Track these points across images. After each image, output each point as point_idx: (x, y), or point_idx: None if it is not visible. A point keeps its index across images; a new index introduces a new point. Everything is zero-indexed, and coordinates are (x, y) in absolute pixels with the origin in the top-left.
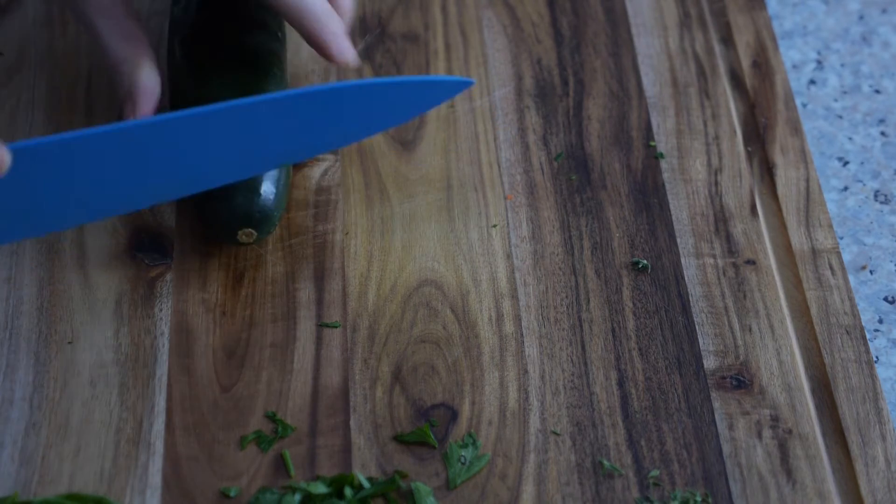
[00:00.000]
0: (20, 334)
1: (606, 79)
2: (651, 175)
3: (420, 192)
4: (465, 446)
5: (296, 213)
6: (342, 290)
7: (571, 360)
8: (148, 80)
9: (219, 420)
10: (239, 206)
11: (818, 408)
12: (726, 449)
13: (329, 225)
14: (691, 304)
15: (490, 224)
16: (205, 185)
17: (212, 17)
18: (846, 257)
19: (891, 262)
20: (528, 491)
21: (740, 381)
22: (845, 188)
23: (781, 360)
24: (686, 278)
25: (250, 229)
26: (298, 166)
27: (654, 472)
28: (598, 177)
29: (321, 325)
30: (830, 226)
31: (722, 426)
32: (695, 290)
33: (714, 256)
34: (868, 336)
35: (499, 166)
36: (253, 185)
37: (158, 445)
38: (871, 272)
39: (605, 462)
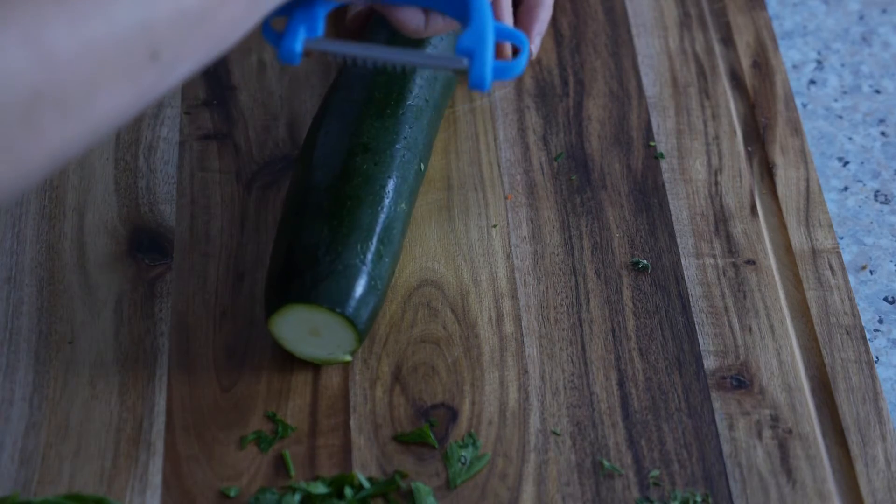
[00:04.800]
0: (20, 334)
1: (606, 79)
2: (651, 175)
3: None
4: (465, 446)
5: None
6: None
7: (571, 360)
8: None
9: (219, 420)
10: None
11: (818, 408)
12: (726, 449)
13: None
14: (691, 304)
15: (490, 224)
16: None
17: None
18: (846, 257)
19: (891, 262)
20: (528, 491)
21: (740, 381)
22: (845, 188)
23: (781, 360)
24: (686, 278)
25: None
26: None
27: (654, 472)
28: (598, 177)
29: None
30: (830, 226)
31: (722, 426)
32: (695, 290)
33: (714, 256)
34: (868, 336)
35: (499, 166)
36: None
37: (158, 445)
38: (871, 272)
39: (605, 462)
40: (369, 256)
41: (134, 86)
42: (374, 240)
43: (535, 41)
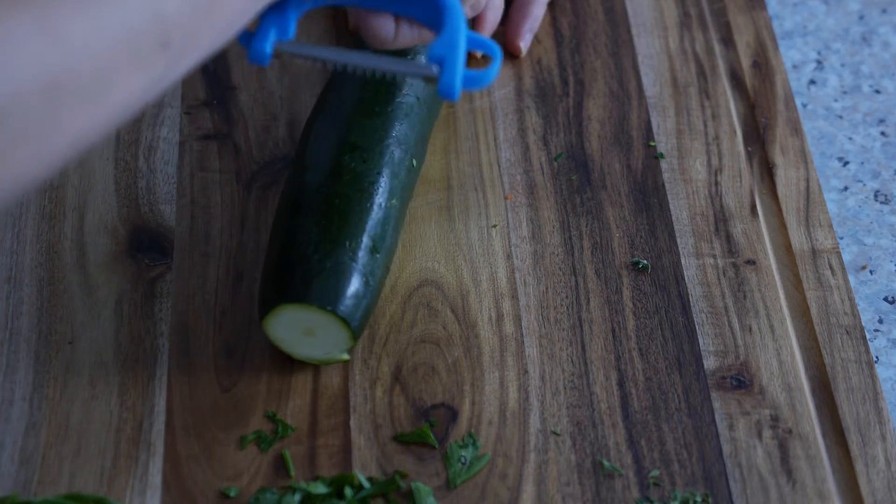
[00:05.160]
0: (20, 334)
1: (606, 79)
2: (651, 175)
3: (420, 192)
4: (465, 446)
5: None
6: None
7: (571, 360)
8: None
9: (219, 420)
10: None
11: (818, 408)
12: (726, 449)
13: None
14: (691, 304)
15: (490, 224)
16: None
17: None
18: (846, 257)
19: (891, 262)
20: (528, 491)
21: (740, 381)
22: (845, 188)
23: (781, 360)
24: (686, 278)
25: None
26: None
27: (654, 472)
28: (598, 177)
29: None
30: (830, 226)
31: (722, 426)
32: (695, 290)
33: (714, 256)
34: (868, 336)
35: (499, 166)
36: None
37: (158, 445)
38: (871, 272)
39: (605, 462)
40: (360, 253)
41: (146, 74)
42: (364, 236)
43: (526, 37)
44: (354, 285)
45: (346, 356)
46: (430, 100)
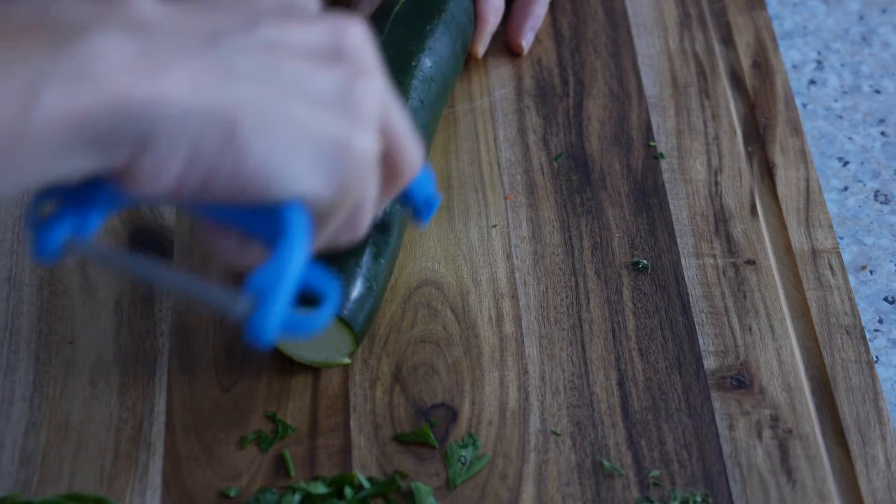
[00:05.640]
0: (20, 334)
1: (606, 79)
2: (651, 175)
3: None
4: (465, 446)
5: None
6: None
7: (571, 360)
8: None
9: (219, 420)
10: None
11: (818, 408)
12: (726, 449)
13: None
14: (691, 304)
15: (490, 224)
16: None
17: None
18: (846, 257)
19: (891, 262)
20: (528, 491)
21: (740, 381)
22: (845, 188)
23: (781, 360)
24: (686, 278)
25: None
26: None
27: (654, 472)
28: (598, 177)
29: None
30: (830, 226)
31: (722, 426)
32: (695, 290)
33: (714, 256)
34: (868, 336)
35: (499, 166)
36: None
37: (158, 445)
38: (871, 272)
39: (605, 462)
40: (364, 258)
41: None
42: (369, 241)
43: (528, 36)
44: (359, 290)
45: (346, 360)
46: (434, 103)
